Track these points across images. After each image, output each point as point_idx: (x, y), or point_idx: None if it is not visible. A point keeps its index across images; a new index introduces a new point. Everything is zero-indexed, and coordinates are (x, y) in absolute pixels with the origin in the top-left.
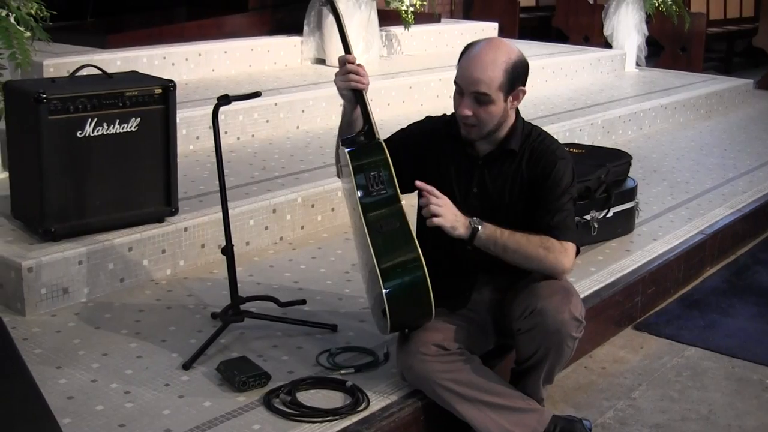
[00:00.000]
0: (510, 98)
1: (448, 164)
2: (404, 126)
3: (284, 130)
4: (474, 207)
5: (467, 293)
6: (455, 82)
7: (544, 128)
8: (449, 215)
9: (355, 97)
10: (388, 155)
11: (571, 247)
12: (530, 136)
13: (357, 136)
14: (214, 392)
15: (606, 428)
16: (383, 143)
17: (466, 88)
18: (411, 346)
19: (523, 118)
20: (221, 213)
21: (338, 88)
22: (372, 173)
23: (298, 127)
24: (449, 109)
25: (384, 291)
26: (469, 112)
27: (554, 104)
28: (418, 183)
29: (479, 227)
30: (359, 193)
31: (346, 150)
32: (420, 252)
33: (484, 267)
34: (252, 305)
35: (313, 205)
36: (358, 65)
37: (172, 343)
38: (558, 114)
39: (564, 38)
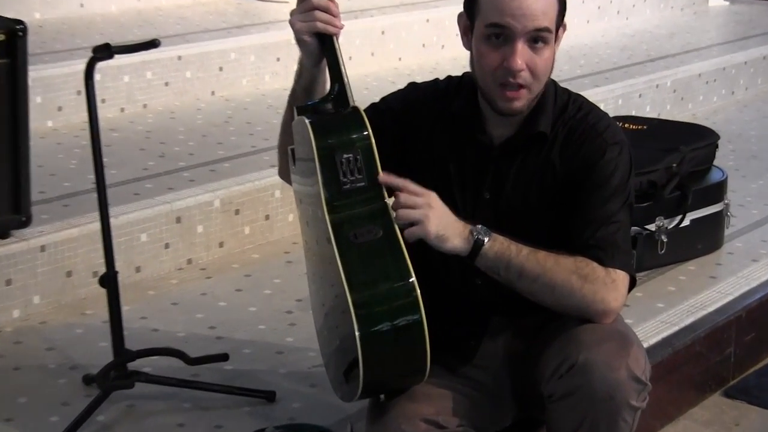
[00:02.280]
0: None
1: (445, 157)
2: (376, 99)
3: (193, 97)
4: (485, 219)
5: (473, 342)
6: (490, 23)
7: (585, 95)
8: (434, 218)
9: (320, 47)
10: (370, 130)
11: (621, 277)
12: (566, 109)
13: (322, 103)
14: None
15: None
16: (363, 112)
17: (517, 27)
18: (390, 423)
19: (555, 81)
20: (99, 223)
21: (296, 33)
22: (345, 156)
23: (213, 93)
24: (443, 67)
25: (357, 333)
26: (523, 65)
27: (600, 57)
28: (382, 177)
29: (485, 239)
30: (324, 187)
31: (306, 122)
32: (414, 278)
33: (499, 303)
34: (147, 363)
35: (237, 212)
36: None
37: (24, 423)
38: (606, 72)
39: None
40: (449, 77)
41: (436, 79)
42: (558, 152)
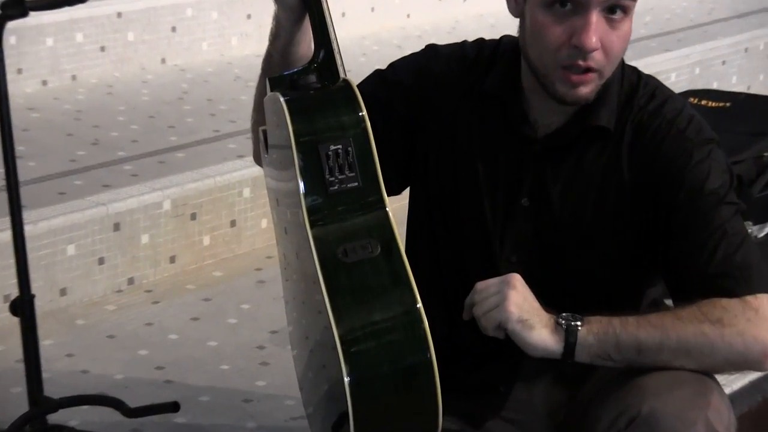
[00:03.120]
0: None
1: (472, 151)
2: (377, 67)
3: (136, 66)
4: (521, 238)
5: (503, 388)
6: None
7: (652, 62)
8: (515, 297)
9: (301, 1)
10: (365, 112)
11: (765, 302)
12: (635, 96)
13: (303, 74)
14: None
15: None
16: (355, 88)
17: None
18: None
19: (621, 58)
20: (9, 232)
21: None
22: (333, 148)
23: (164, 61)
24: (464, 27)
25: (346, 379)
26: (597, 44)
27: (671, 11)
28: None
29: (576, 323)
30: (305, 188)
31: (282, 99)
32: (421, 304)
33: None
34: (73, 414)
35: (194, 216)
36: None
37: None
38: (678, 32)
39: None
40: (480, 42)
41: (464, 43)
42: (626, 154)
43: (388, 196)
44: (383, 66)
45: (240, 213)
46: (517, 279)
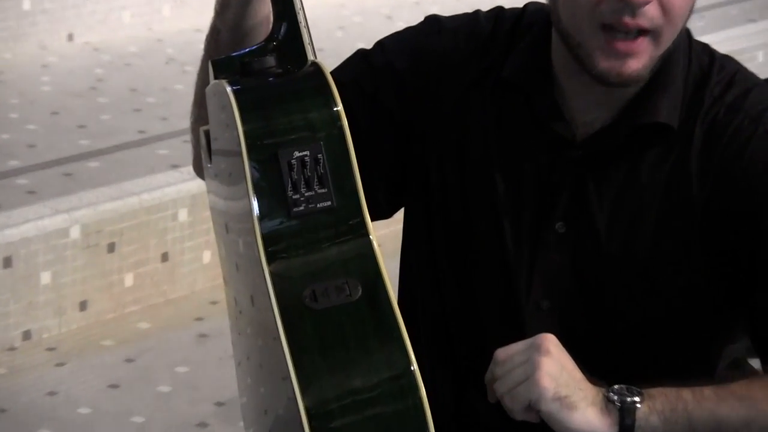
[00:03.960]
0: None
1: (488, 158)
2: (359, 47)
3: (35, 44)
4: (554, 277)
5: None
6: None
7: (731, 36)
8: (548, 366)
9: None
10: (341, 106)
11: None
12: (707, 84)
13: (258, 56)
14: None
15: None
16: (329, 75)
17: None
18: None
19: (689, 32)
20: None
21: None
22: (297, 154)
23: (71, 38)
24: None
25: None
26: None
27: None
28: None
29: (635, 399)
30: (259, 209)
31: (229, 90)
32: (416, 367)
33: None
34: None
35: (111, 248)
36: None
37: None
38: None
39: None
40: (498, 12)
41: (476, 13)
42: (696, 162)
43: (373, 219)
44: (368, 45)
45: (174, 243)
46: (550, 341)
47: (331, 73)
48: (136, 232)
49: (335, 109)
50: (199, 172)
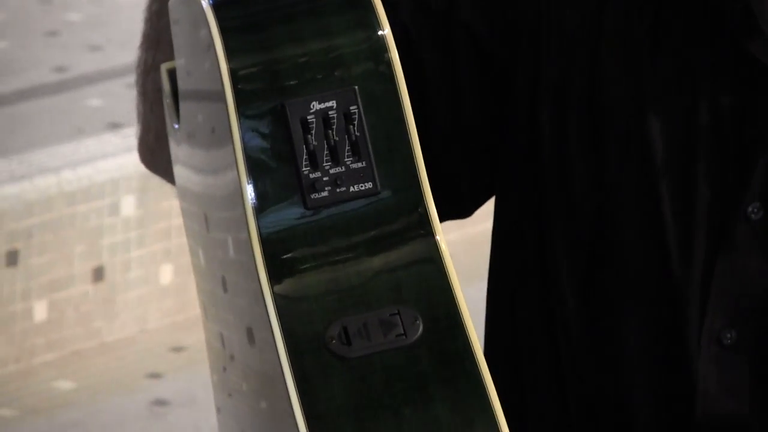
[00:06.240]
0: None
1: (641, 102)
2: None
3: None
4: (747, 290)
5: None
6: None
7: None
8: None
9: None
10: (388, 28)
11: None
12: None
13: None
14: None
15: None
16: None
17: None
18: None
19: None
20: None
21: None
22: (315, 106)
23: None
24: None
25: None
26: None
27: None
28: None
29: None
30: (254, 196)
31: (203, 2)
32: None
33: None
34: None
35: (12, 259)
36: None
37: None
38: None
39: None
40: None
41: None
42: None
43: (443, 218)
44: None
45: (113, 252)
46: None
47: None
48: (52, 234)
49: (380, 32)
50: (151, 158)
